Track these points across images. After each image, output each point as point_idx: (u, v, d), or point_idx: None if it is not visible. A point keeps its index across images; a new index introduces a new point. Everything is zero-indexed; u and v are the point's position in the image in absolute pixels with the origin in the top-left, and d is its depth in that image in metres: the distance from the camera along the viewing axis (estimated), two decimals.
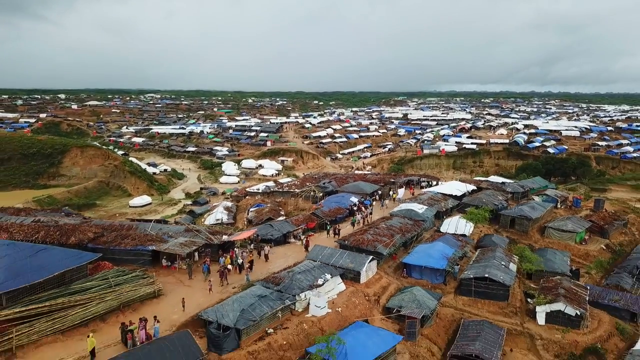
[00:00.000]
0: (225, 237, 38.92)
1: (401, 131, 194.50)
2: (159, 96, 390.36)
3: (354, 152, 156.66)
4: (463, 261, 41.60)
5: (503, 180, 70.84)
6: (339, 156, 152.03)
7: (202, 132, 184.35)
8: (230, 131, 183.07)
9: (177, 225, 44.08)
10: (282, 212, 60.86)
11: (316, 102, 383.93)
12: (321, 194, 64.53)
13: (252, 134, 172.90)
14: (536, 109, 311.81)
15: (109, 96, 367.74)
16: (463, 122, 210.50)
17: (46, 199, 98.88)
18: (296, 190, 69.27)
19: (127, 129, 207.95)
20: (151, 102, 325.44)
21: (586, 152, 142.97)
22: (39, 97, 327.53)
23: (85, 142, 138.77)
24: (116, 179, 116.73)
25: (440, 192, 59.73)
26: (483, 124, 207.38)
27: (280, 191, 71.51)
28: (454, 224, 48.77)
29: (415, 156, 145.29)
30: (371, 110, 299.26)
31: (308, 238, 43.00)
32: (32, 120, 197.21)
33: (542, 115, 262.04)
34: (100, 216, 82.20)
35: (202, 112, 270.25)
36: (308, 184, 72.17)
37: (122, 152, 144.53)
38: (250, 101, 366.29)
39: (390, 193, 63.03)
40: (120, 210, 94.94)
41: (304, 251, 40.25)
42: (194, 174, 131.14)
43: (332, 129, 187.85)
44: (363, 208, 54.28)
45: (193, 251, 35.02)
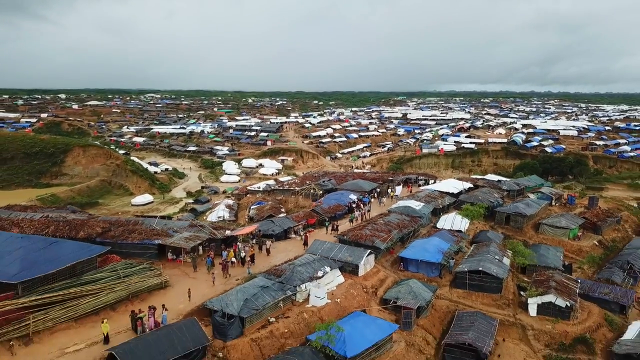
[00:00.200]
0: (228, 232, 40.26)
1: (400, 131, 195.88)
2: (159, 96, 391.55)
3: (353, 151, 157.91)
4: (458, 256, 42.91)
5: (499, 179, 72.10)
6: (339, 155, 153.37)
7: (202, 131, 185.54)
8: (231, 131, 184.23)
9: (182, 221, 45.36)
10: (283, 210, 62.17)
11: (316, 102, 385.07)
12: (321, 192, 65.84)
13: (253, 133, 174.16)
14: (535, 109, 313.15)
15: (109, 96, 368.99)
16: (462, 122, 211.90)
17: (49, 197, 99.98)
18: (296, 189, 70.58)
19: (127, 128, 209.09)
20: (151, 102, 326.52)
21: (584, 152, 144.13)
22: (39, 97, 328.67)
23: (87, 142, 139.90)
24: (118, 178, 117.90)
25: (437, 190, 61.00)
26: (482, 123, 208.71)
27: (280, 189, 72.81)
28: (450, 221, 50.06)
29: (414, 155, 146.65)
30: (371, 110, 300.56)
31: (307, 234, 44.27)
32: (34, 120, 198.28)
33: (541, 115, 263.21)
34: (103, 214, 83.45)
35: (202, 112, 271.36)
36: (308, 182, 73.49)
37: (124, 151, 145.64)
38: (250, 101, 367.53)
39: (388, 191, 64.31)
40: (122, 208, 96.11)
41: (303, 246, 41.51)
42: (194, 173, 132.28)
43: (331, 128, 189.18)
44: (362, 205, 55.55)
45: (197, 245, 36.36)
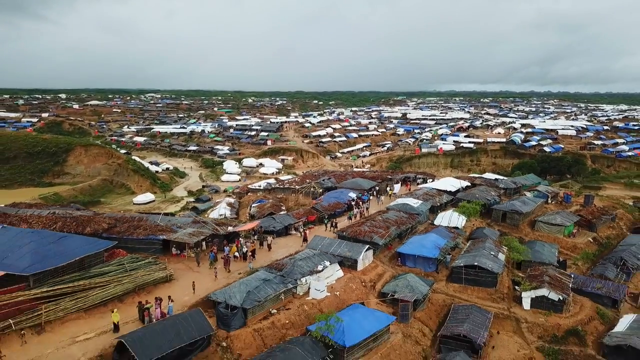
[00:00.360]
0: (230, 228, 41.32)
1: (400, 130, 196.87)
2: (160, 96, 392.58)
3: (353, 151, 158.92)
4: (455, 252, 43.97)
5: (496, 177, 73.16)
6: (339, 155, 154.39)
7: (203, 131, 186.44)
8: (231, 130, 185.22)
9: (185, 218, 46.40)
10: (283, 208, 63.21)
11: (316, 101, 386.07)
12: (320, 190, 66.89)
13: (253, 133, 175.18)
14: (534, 109, 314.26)
15: (109, 96, 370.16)
16: (461, 122, 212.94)
17: (52, 196, 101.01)
18: (296, 187, 71.62)
19: (128, 128, 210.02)
20: (152, 102, 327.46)
21: (582, 151, 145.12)
22: (39, 96, 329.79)
23: (89, 141, 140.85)
24: (120, 177, 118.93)
25: (435, 188, 62.06)
26: (481, 123, 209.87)
27: (281, 188, 73.84)
28: (447, 218, 51.12)
29: (413, 155, 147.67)
30: (370, 110, 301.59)
31: (306, 230, 45.20)
32: (35, 120, 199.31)
33: (541, 115, 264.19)
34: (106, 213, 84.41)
35: (202, 111, 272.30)
36: (308, 180, 74.52)
37: (125, 151, 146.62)
38: (250, 101, 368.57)
39: (387, 189, 65.35)
40: (124, 207, 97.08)
41: (303, 242, 42.46)
42: (195, 172, 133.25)
43: (331, 128, 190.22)
44: (361, 203, 56.58)
45: (201, 241, 37.39)
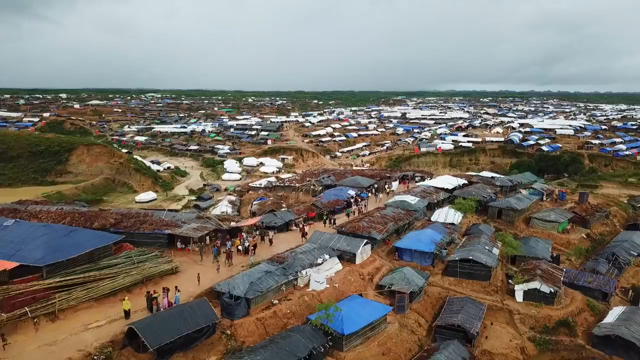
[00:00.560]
0: (233, 223, 42.64)
1: (399, 130, 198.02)
2: (160, 96, 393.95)
3: (352, 150, 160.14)
4: (451, 247, 45.29)
5: (493, 175, 74.51)
6: (338, 154, 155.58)
7: (203, 131, 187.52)
8: (232, 130, 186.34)
9: (189, 214, 47.73)
10: (284, 205, 64.33)
11: (315, 101, 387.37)
12: (320, 188, 68.17)
13: (253, 132, 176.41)
14: (534, 108, 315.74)
15: (109, 96, 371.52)
16: (460, 121, 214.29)
17: (55, 194, 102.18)
18: (297, 185, 72.90)
19: (129, 128, 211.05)
20: (152, 102, 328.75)
21: (579, 150, 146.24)
22: (40, 96, 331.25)
23: (91, 140, 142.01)
24: (122, 176, 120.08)
25: (432, 186, 63.39)
26: (480, 122, 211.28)
27: (281, 186, 75.13)
28: (444, 214, 52.44)
29: (412, 154, 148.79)
30: (370, 110, 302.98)
31: (304, 226, 46.35)
32: (36, 120, 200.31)
33: (540, 114, 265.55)
34: None
35: (202, 111, 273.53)
36: (308, 178, 75.81)
37: (126, 150, 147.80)
38: (250, 100, 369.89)
39: (385, 187, 66.63)
40: (126, 205, 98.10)
41: (302, 238, 43.62)
42: (196, 171, 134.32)
43: (331, 127, 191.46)
44: (359, 200, 57.88)
45: (204, 235, 38.70)
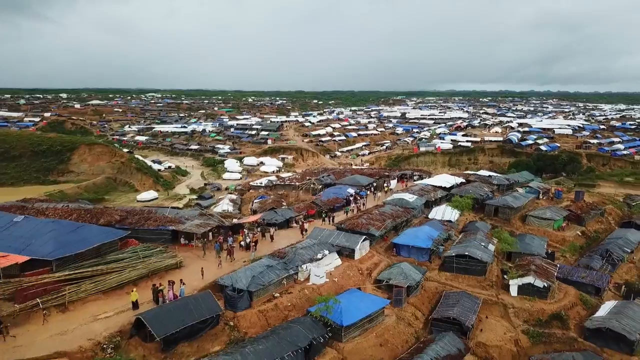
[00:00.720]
0: (235, 220, 43.67)
1: (399, 130, 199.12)
2: (160, 95, 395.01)
3: (352, 150, 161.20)
4: (448, 243, 46.34)
5: (490, 174, 75.57)
6: (338, 154, 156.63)
7: (204, 130, 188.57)
8: (232, 130, 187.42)
9: (192, 211, 48.79)
10: (284, 203, 65.44)
11: (315, 101, 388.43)
12: (320, 186, 69.21)
13: (253, 132, 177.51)
14: (533, 108, 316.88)
15: (110, 96, 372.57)
16: (459, 121, 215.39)
17: (57, 193, 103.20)
18: (297, 183, 73.97)
19: (129, 127, 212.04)
20: (152, 102, 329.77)
21: (577, 150, 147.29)
22: (40, 96, 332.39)
23: (93, 140, 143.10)
24: (123, 175, 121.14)
25: (430, 184, 64.40)
26: (479, 122, 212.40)
27: (282, 184, 76.21)
28: (441, 212, 53.48)
29: (411, 154, 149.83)
30: (370, 110, 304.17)
31: (303, 223, 47.24)
32: (37, 119, 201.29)
33: (539, 114, 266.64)
34: None
35: (203, 111, 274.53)
36: (308, 177, 76.86)
37: (127, 150, 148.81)
38: (250, 100, 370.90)
39: (384, 185, 67.66)
40: (128, 204, 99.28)
41: (301, 234, 44.55)
42: (197, 171, 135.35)
43: (331, 127, 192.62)
44: (358, 198, 58.92)
45: (207, 231, 39.73)
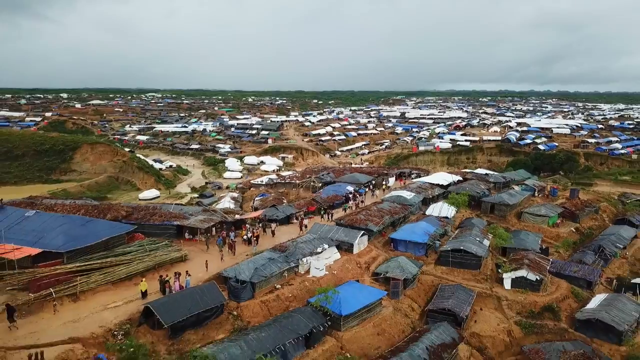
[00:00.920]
0: (237, 216, 44.97)
1: (398, 129, 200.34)
2: (160, 95, 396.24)
3: (352, 149, 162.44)
4: (444, 238, 47.66)
5: (486, 172, 76.96)
6: (338, 153, 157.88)
7: (204, 130, 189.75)
8: (232, 129, 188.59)
9: (196, 207, 50.12)
10: (285, 201, 66.70)
11: (315, 101, 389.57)
12: (320, 184, 70.52)
13: (254, 132, 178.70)
14: (532, 108, 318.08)
15: (110, 95, 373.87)
16: (459, 121, 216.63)
17: (60, 192, 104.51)
18: (297, 182, 75.29)
19: (130, 127, 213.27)
20: (153, 102, 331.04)
21: (575, 149, 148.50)
22: (41, 96, 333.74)
23: (95, 139, 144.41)
24: (125, 174, 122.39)
25: (428, 182, 65.72)
26: (478, 122, 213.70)
27: (282, 182, 77.53)
28: (438, 208, 54.80)
29: (411, 153, 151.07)
30: (370, 109, 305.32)
31: (302, 219, 48.41)
32: (38, 119, 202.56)
33: (538, 113, 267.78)
34: None
35: (203, 110, 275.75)
36: (308, 175, 78.17)
37: (128, 149, 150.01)
38: (250, 100, 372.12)
39: (383, 183, 68.97)
40: (131, 202, 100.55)
41: (299, 230, 45.62)
42: (198, 170, 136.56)
43: (331, 127, 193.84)
44: (357, 195, 60.23)
45: (211, 227, 41.03)
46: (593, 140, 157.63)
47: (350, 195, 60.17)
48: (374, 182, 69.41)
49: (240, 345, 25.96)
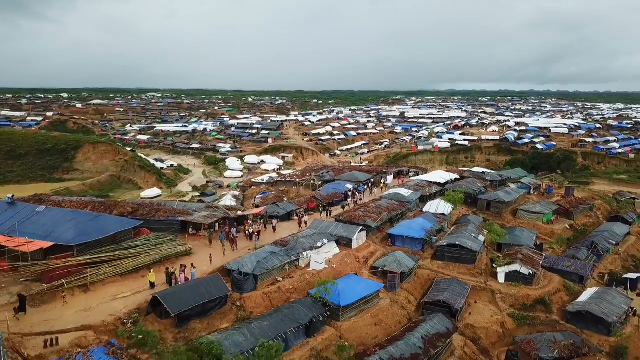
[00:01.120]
0: (239, 212, 46.30)
1: (398, 129, 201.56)
2: (160, 95, 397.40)
3: (351, 148, 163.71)
4: (440, 234, 48.98)
5: (483, 170, 78.30)
6: (337, 152, 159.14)
7: (205, 129, 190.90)
8: (233, 129, 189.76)
9: (199, 204, 51.43)
10: (285, 199, 68.06)
11: (315, 100, 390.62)
12: (320, 183, 71.82)
13: (254, 131, 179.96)
14: (532, 108, 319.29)
15: (110, 95, 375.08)
16: (457, 120, 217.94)
17: (63, 191, 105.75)
18: (297, 180, 76.60)
19: (131, 127, 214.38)
20: (153, 101, 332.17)
21: (573, 148, 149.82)
22: (41, 96, 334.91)
23: (97, 139, 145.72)
24: (127, 173, 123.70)
25: (425, 180, 67.04)
26: (477, 121, 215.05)
27: (283, 181, 78.87)
28: (435, 205, 56.06)
29: (410, 152, 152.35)
30: (369, 109, 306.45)
31: (303, 216, 49.62)
32: (39, 119, 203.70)
33: (537, 113, 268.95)
34: None
35: (203, 110, 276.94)
36: (308, 174, 79.49)
37: (129, 148, 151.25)
38: (250, 100, 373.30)
39: (381, 181, 70.23)
40: (133, 201, 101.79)
41: (298, 227, 46.69)
42: (198, 169, 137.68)
43: (330, 126, 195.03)
44: (356, 193, 61.50)
45: (214, 222, 42.35)
46: (591, 140, 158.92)
47: (350, 193, 61.43)
48: (372, 180, 70.67)
49: (244, 333, 27.29)
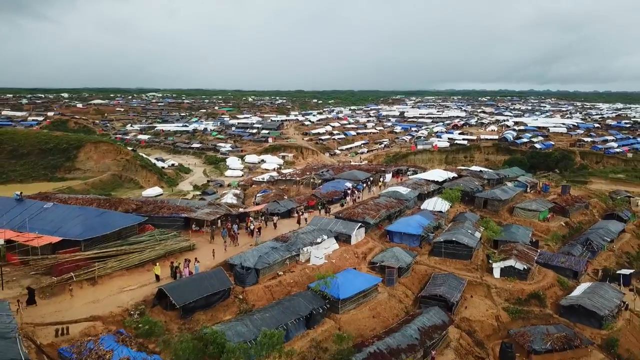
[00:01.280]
0: (241, 209, 47.34)
1: (397, 128, 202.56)
2: (161, 95, 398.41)
3: (351, 148, 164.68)
4: (438, 231, 50.03)
5: (481, 169, 79.36)
6: (337, 152, 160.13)
7: (205, 129, 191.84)
8: (233, 129, 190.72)
9: (202, 201, 52.50)
10: (286, 197, 69.09)
11: (315, 100, 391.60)
12: (319, 181, 72.86)
13: (254, 131, 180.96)
14: (531, 107, 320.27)
15: (110, 95, 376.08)
16: (457, 120, 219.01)
17: (65, 190, 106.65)
18: (298, 179, 77.65)
19: (131, 126, 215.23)
20: (153, 101, 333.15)
21: (571, 148, 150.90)
22: (42, 96, 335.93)
23: (98, 138, 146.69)
24: (128, 172, 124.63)
25: (423, 178, 68.09)
26: (476, 121, 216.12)
27: (283, 179, 79.91)
28: (433, 203, 57.14)
29: (409, 152, 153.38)
30: (369, 109, 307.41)
31: (303, 213, 50.63)
32: (40, 119, 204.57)
33: (537, 113, 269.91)
34: None
35: (204, 110, 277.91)
36: (308, 173, 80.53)
37: (130, 148, 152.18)
38: (250, 100, 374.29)
39: (380, 179, 71.29)
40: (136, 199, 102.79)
41: (297, 224, 47.47)
42: (199, 168, 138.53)
43: (330, 126, 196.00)
44: (355, 191, 62.55)
45: (217, 219, 43.39)
46: (589, 139, 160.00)
47: (349, 191, 62.45)
48: (371, 178, 71.70)
49: (246, 323, 28.34)
